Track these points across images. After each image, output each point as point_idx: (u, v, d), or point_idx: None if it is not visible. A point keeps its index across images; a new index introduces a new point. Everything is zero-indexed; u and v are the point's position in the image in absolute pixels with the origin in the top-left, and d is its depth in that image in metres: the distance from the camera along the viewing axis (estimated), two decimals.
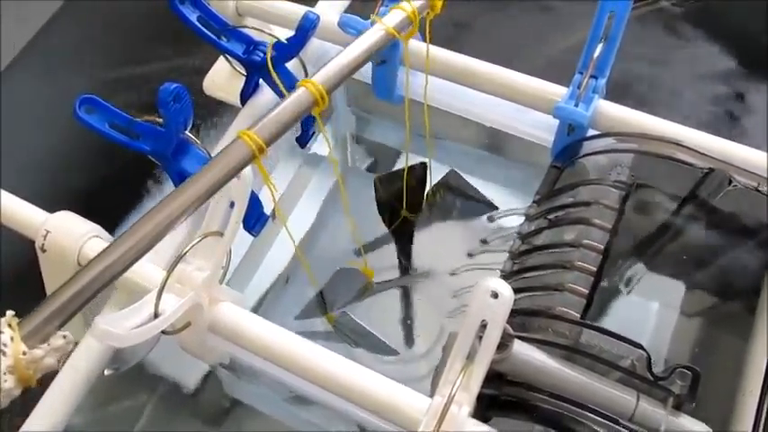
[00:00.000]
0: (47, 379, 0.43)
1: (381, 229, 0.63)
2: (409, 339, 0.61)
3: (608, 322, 0.51)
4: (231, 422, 0.59)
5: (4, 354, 0.30)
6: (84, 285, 0.33)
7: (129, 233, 0.34)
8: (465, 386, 0.36)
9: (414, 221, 0.62)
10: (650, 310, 0.54)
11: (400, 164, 0.68)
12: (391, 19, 0.45)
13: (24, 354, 0.31)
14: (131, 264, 0.34)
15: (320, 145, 0.67)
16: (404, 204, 0.60)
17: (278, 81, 0.49)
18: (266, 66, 0.49)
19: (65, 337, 0.33)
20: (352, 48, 0.43)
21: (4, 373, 0.30)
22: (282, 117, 0.40)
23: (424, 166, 0.59)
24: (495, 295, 0.34)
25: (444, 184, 0.62)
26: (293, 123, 0.40)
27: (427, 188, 0.61)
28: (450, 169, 0.61)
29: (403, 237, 0.62)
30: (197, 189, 0.36)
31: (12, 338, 0.30)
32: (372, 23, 0.45)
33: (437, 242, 0.63)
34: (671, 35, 0.76)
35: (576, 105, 0.46)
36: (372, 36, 0.44)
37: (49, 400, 0.42)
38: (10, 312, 0.31)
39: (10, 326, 0.31)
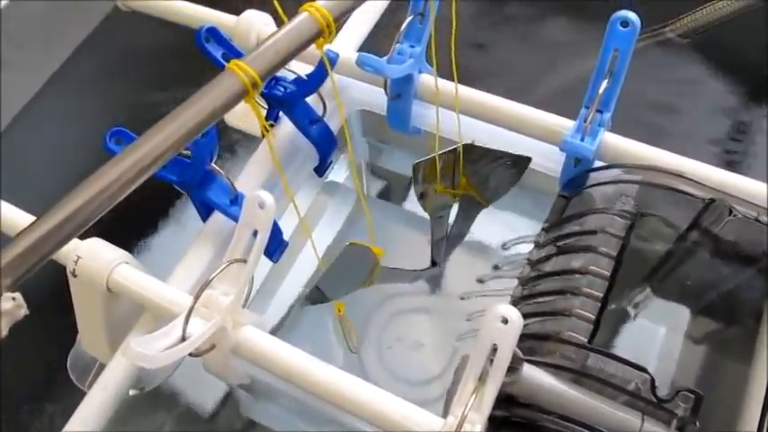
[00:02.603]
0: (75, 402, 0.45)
1: (395, 253, 0.65)
2: (423, 362, 0.62)
3: (617, 346, 0.53)
4: None
5: None
6: (44, 234, 0.29)
7: (107, 169, 0.31)
8: (477, 407, 0.37)
9: (449, 204, 0.57)
10: (657, 335, 0.55)
11: (414, 192, 0.70)
12: None
13: None
14: (109, 204, 0.30)
15: (337, 173, 0.69)
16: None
17: None
18: (287, 100, 0.51)
19: (14, 299, 0.29)
20: None
21: None
22: (281, 47, 0.33)
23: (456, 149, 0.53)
24: (505, 321, 0.36)
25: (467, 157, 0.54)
26: (293, 56, 0.34)
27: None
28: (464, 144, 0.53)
29: (438, 222, 0.58)
30: (180, 126, 0.32)
31: None
32: None
33: (450, 267, 0.65)
34: (677, 67, 0.78)
35: (583, 139, 0.48)
36: None
37: (78, 419, 0.44)
38: None
39: None
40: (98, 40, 0.85)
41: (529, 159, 0.53)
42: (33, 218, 0.47)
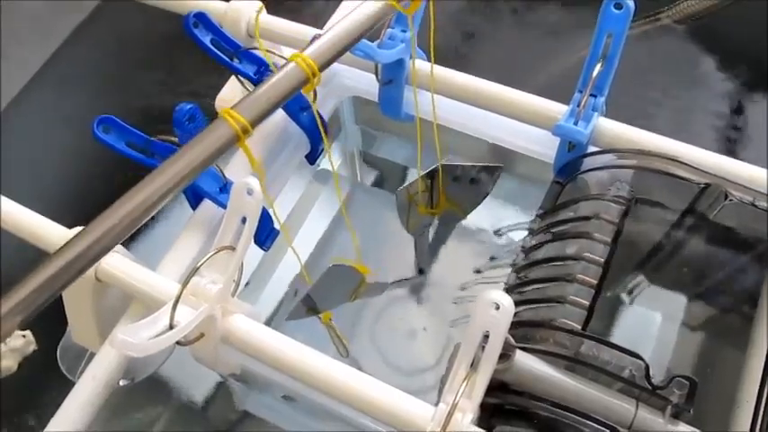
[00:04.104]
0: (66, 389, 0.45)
1: (389, 242, 0.65)
2: (417, 351, 0.62)
3: (612, 334, 0.52)
4: None
5: None
6: (51, 276, 0.30)
7: (101, 220, 0.32)
8: (468, 394, 0.37)
9: (430, 222, 0.60)
10: (653, 322, 0.55)
11: (407, 180, 0.69)
12: None
13: None
14: (105, 252, 0.32)
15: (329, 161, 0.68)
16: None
17: None
18: None
19: (24, 336, 0.31)
20: (348, 20, 0.39)
21: None
22: (270, 95, 0.36)
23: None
24: (497, 307, 0.36)
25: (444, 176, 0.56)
26: (281, 102, 0.37)
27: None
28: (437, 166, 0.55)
29: (421, 237, 0.60)
30: (175, 174, 0.34)
31: None
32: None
33: (444, 256, 0.64)
34: (672, 52, 0.77)
35: (576, 123, 0.48)
36: (370, 8, 0.40)
37: (66, 409, 0.44)
38: None
39: None
40: (90, 27, 0.84)
41: (500, 168, 0.55)
42: (29, 211, 0.48)
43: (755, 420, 0.39)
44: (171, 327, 0.39)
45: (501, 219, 0.63)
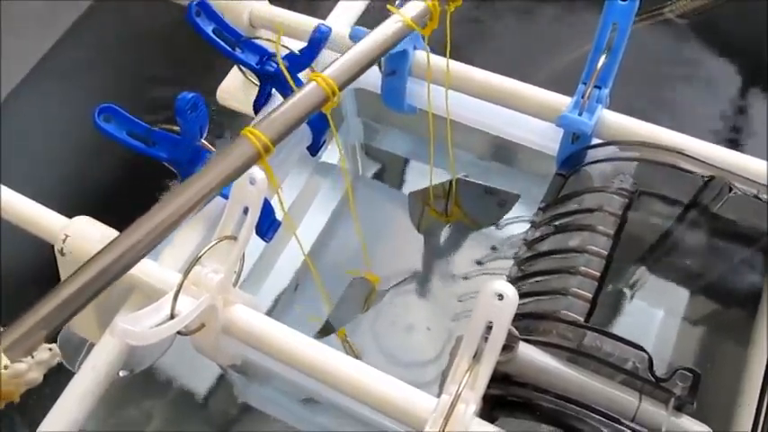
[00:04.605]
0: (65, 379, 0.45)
1: (390, 236, 0.64)
2: (418, 345, 0.62)
3: (614, 328, 0.52)
4: (242, 425, 0.60)
5: None
6: (75, 291, 0.31)
7: (125, 235, 0.33)
8: (471, 385, 0.37)
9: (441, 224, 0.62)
10: (655, 316, 0.55)
11: (409, 173, 0.69)
12: (409, 10, 0.41)
13: (6, 368, 0.29)
14: (128, 267, 0.33)
15: (330, 154, 0.68)
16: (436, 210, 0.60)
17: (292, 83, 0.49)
18: (279, 76, 0.50)
19: (50, 349, 0.31)
20: (367, 41, 0.40)
21: None
22: (290, 114, 0.37)
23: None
24: (501, 297, 0.35)
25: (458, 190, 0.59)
26: (302, 121, 0.38)
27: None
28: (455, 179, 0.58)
29: (431, 239, 0.62)
30: (197, 191, 0.35)
31: None
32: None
33: (447, 249, 0.64)
34: (675, 48, 0.77)
35: (580, 115, 0.47)
36: (388, 28, 0.41)
37: (66, 399, 0.44)
38: None
39: None
40: (89, 21, 0.84)
41: (517, 196, 0.56)
42: (30, 201, 0.48)
43: (757, 420, 0.39)
44: (172, 316, 0.39)
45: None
